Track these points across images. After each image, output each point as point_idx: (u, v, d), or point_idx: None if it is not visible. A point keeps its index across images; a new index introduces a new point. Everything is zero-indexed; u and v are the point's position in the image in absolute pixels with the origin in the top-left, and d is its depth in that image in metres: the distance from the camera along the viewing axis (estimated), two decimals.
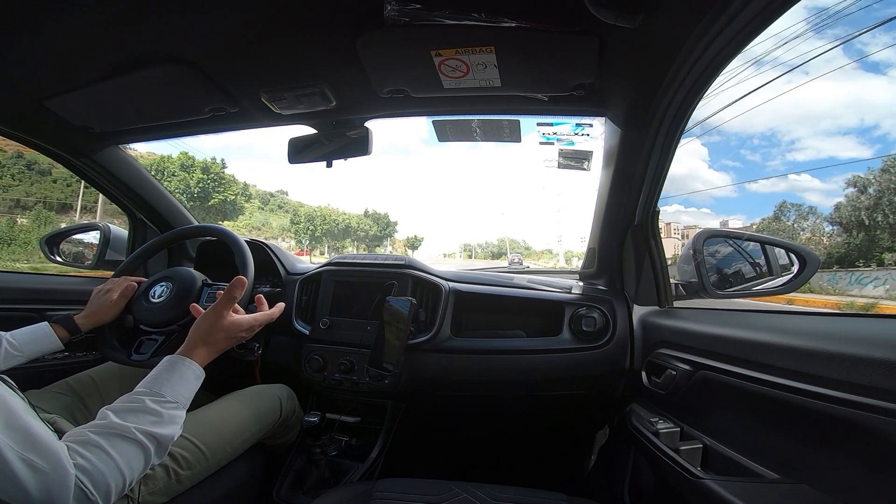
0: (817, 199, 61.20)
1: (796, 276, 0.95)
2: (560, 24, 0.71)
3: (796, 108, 79.29)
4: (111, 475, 0.58)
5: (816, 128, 78.56)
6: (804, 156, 68.67)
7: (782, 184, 61.47)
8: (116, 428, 0.61)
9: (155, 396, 0.67)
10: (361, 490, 0.83)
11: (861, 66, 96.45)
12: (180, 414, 0.69)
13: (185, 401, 0.71)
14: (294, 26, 0.77)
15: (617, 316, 1.14)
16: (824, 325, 0.70)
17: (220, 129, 1.21)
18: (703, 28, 0.62)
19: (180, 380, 0.71)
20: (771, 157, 66.26)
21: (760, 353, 0.67)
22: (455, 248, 73.61)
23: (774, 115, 74.57)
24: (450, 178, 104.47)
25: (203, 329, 0.79)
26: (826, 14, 15.14)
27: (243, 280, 0.85)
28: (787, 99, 77.83)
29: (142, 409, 0.65)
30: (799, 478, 0.61)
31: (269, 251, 1.39)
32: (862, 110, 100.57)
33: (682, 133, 0.88)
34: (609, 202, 1.13)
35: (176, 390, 0.70)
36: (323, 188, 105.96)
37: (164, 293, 1.08)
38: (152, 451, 0.63)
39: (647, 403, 1.02)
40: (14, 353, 0.87)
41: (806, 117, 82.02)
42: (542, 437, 1.51)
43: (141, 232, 1.50)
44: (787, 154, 69.06)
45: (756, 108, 15.83)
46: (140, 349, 1.05)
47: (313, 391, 1.28)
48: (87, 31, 0.77)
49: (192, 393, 0.73)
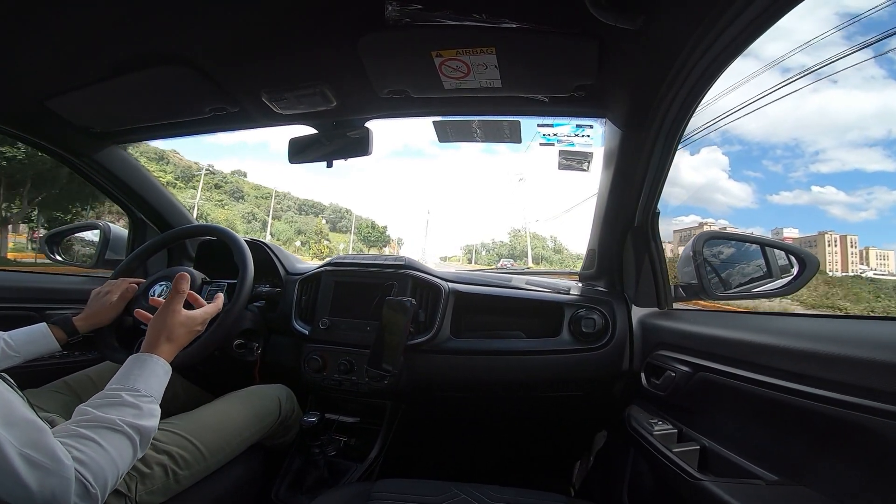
0: (841, 212, 60.26)
1: (796, 278, 0.95)
2: (561, 26, 0.71)
3: (822, 118, 77.72)
4: (108, 467, 0.58)
5: (842, 139, 76.91)
6: (828, 168, 67.47)
7: (805, 196, 60.60)
8: (102, 421, 0.61)
9: (131, 391, 0.67)
10: (360, 490, 0.83)
11: (890, 75, 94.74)
12: (156, 408, 0.70)
13: (158, 395, 0.71)
14: (295, 27, 0.77)
15: (616, 317, 1.14)
16: (823, 327, 0.70)
17: (221, 129, 1.22)
18: (703, 30, 0.62)
19: (151, 375, 0.72)
20: (794, 169, 65.18)
21: (760, 355, 0.67)
22: (458, 251, 64.02)
23: (798, 124, 73.32)
24: (463, 179, 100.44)
25: (160, 325, 0.80)
26: (856, 20, 15.00)
27: (185, 275, 0.85)
28: (811, 108, 76.42)
29: (121, 402, 0.65)
30: (798, 479, 0.61)
31: (269, 251, 1.39)
32: (890, 121, 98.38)
33: (682, 135, 0.88)
34: (609, 203, 1.13)
35: (149, 385, 0.70)
36: (333, 188, 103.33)
37: (163, 293, 1.08)
38: (138, 443, 0.63)
39: (646, 405, 1.02)
40: (11, 353, 0.87)
41: (831, 128, 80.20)
42: (541, 438, 1.51)
43: (141, 231, 1.50)
44: (810, 165, 67.82)
45: (777, 116, 15.70)
46: None
47: (312, 391, 1.28)
48: (88, 32, 0.77)
49: (163, 387, 0.74)
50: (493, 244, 57.42)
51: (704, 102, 0.78)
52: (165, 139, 1.32)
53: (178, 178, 42.45)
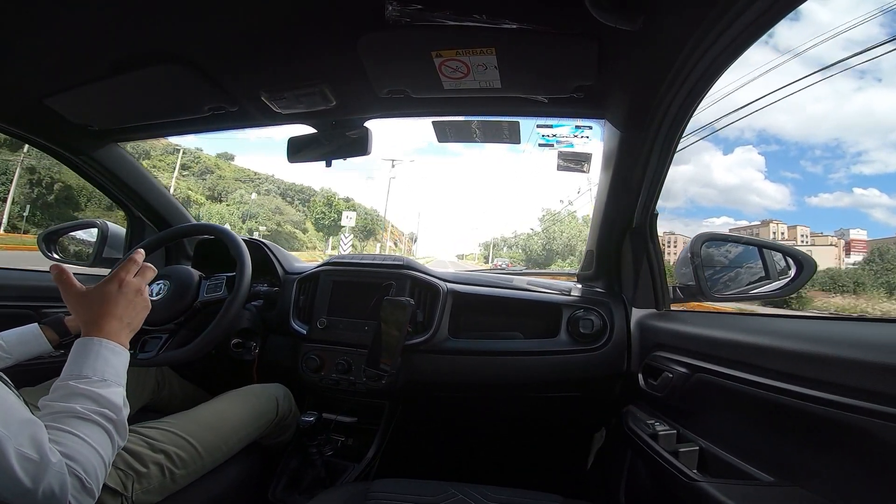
0: (883, 216, 58.72)
1: (793, 280, 0.95)
2: (561, 27, 0.71)
3: (864, 118, 75.89)
4: (94, 459, 0.56)
5: (886, 139, 75.17)
6: (871, 169, 65.88)
7: (846, 198, 59.27)
8: (69, 411, 0.58)
9: (79, 379, 0.62)
10: (357, 490, 0.83)
11: None
12: (116, 390, 0.64)
13: (114, 377, 0.65)
14: (295, 26, 0.77)
15: (614, 318, 1.14)
16: (820, 329, 0.71)
17: (220, 128, 1.22)
18: (703, 31, 0.62)
19: (96, 358, 0.65)
20: (834, 170, 63.62)
21: (757, 356, 0.67)
22: (476, 248, 51.02)
23: (839, 125, 71.85)
24: (483, 179, 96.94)
25: (85, 306, 0.71)
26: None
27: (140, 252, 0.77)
28: (854, 108, 74.89)
29: (72, 391, 0.60)
30: (794, 480, 0.61)
31: (267, 250, 1.39)
32: None
33: (681, 136, 0.88)
34: (608, 205, 1.14)
35: (97, 369, 0.64)
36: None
37: (161, 291, 1.08)
38: (112, 431, 0.60)
39: (643, 406, 1.02)
40: (3, 354, 0.85)
41: (874, 128, 78.14)
42: (539, 439, 1.51)
43: (139, 230, 1.50)
44: (852, 167, 66.19)
45: (817, 114, 15.13)
46: (145, 348, 1.05)
47: (310, 391, 1.28)
48: (87, 30, 0.77)
49: (120, 368, 0.67)
50: (514, 238, 44.75)
51: (732, 97, 0.76)
52: (164, 138, 1.32)
53: (139, 156, 39.56)
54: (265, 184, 41.34)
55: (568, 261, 32.00)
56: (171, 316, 1.05)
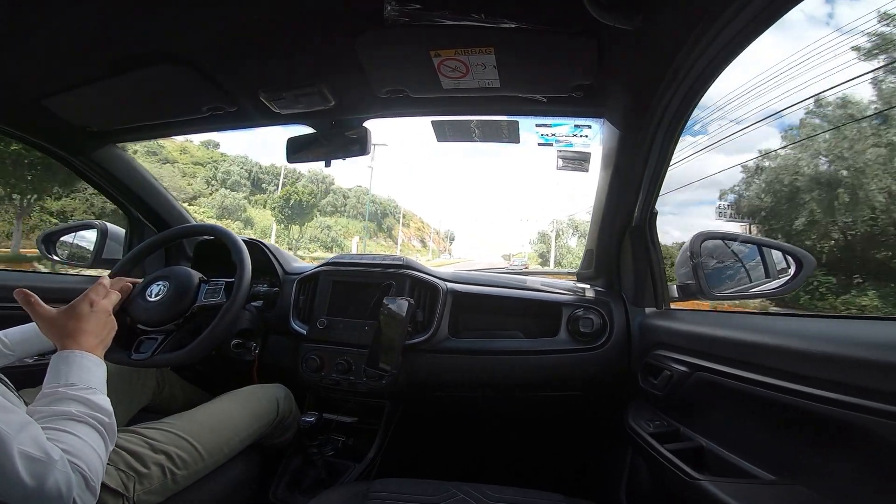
0: None
1: (793, 278, 0.95)
2: (559, 26, 0.71)
3: None
4: (93, 457, 0.57)
5: None
6: None
7: None
8: (64, 414, 0.59)
9: (67, 386, 0.63)
10: (358, 490, 0.83)
11: None
12: (103, 398, 0.66)
13: (99, 385, 0.67)
14: (293, 26, 0.77)
15: (614, 317, 1.14)
16: (820, 327, 0.71)
17: (219, 129, 1.22)
18: (701, 30, 0.62)
19: (80, 369, 0.67)
20: None
21: (757, 354, 0.67)
22: (525, 245, 45.19)
23: None
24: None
25: (59, 325, 0.73)
26: None
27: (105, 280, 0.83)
28: None
29: (62, 397, 0.61)
30: (795, 479, 0.62)
31: (267, 250, 1.38)
32: None
33: (680, 135, 0.89)
34: (607, 204, 1.14)
35: (81, 378, 0.65)
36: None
37: (160, 292, 1.07)
38: (104, 432, 0.61)
39: (644, 404, 1.02)
40: (6, 351, 0.86)
41: None
42: (539, 438, 1.51)
43: (138, 231, 1.50)
44: None
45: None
46: (140, 348, 1.05)
47: (310, 391, 1.28)
48: (85, 31, 0.77)
49: (100, 379, 0.69)
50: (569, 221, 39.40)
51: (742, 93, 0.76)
52: (163, 138, 1.32)
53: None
54: (232, 166, 37.36)
55: None
56: (168, 318, 1.05)
